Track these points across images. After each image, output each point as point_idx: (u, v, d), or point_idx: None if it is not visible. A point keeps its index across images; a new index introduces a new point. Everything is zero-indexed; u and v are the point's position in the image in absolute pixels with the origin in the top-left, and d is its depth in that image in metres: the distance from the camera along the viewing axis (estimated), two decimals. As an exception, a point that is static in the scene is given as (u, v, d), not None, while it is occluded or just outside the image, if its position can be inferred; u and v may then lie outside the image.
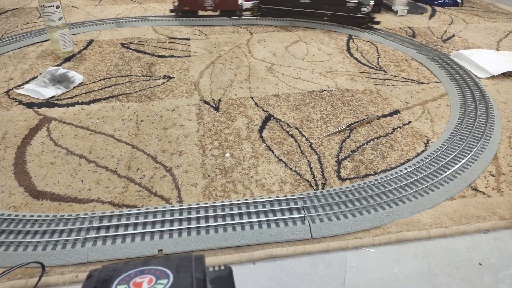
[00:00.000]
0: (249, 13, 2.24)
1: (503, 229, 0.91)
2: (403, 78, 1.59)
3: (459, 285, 0.78)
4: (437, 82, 1.57)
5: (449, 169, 1.05)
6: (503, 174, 1.07)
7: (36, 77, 1.52)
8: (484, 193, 1.00)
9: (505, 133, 1.24)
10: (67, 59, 1.69)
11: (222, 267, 0.58)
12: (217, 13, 2.22)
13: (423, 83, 1.56)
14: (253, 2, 2.20)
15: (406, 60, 1.76)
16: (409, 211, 0.92)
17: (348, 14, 1.99)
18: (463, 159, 1.09)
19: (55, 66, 1.60)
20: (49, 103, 1.36)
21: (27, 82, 1.49)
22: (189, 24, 2.14)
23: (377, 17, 2.32)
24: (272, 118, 1.30)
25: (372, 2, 2.01)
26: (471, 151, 1.12)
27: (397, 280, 0.78)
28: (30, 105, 1.35)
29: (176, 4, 2.14)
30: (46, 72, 1.50)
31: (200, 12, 2.20)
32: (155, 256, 0.81)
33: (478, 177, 1.05)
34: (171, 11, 2.17)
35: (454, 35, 2.08)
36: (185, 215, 0.88)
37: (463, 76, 1.57)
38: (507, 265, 0.82)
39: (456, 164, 1.07)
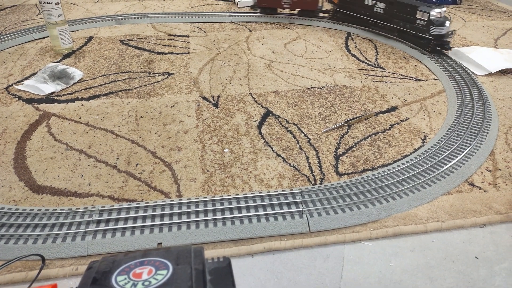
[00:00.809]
0: (326, 15, 2.18)
1: (499, 223, 0.92)
2: (401, 75, 1.60)
3: (455, 278, 0.79)
4: (435, 79, 1.58)
5: (446, 165, 1.06)
6: (500, 169, 1.08)
7: (36, 73, 1.52)
8: (480, 188, 1.00)
9: (502, 130, 1.25)
10: (67, 56, 1.70)
11: (221, 259, 0.59)
12: (295, 12, 2.16)
13: (421, 80, 1.56)
14: None
15: (404, 57, 1.77)
16: (406, 206, 0.93)
17: (415, 33, 1.78)
18: (460, 154, 1.10)
19: (55, 62, 1.60)
20: (49, 99, 1.37)
21: (26, 78, 1.49)
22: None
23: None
24: (271, 114, 1.30)
25: (448, 24, 1.68)
26: (468, 147, 1.13)
27: (394, 273, 0.79)
28: (30, 101, 1.35)
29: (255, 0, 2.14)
30: (46, 68, 1.51)
31: (279, 10, 2.19)
32: (155, 248, 0.82)
33: (475, 173, 1.06)
34: (251, 7, 2.17)
35: (452, 32, 2.08)
36: (184, 209, 0.89)
37: (461, 73, 1.57)
38: (503, 258, 0.83)
39: (453, 159, 1.08)
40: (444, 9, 1.64)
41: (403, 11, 1.81)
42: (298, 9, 2.13)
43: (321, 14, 2.19)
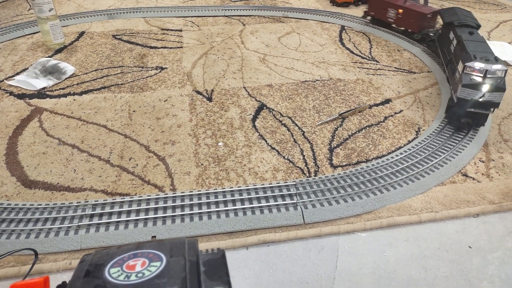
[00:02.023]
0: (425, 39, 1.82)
1: (492, 213, 0.92)
2: (395, 68, 1.60)
3: (449, 267, 0.79)
4: (428, 71, 1.58)
5: (440, 156, 1.06)
6: (493, 160, 1.08)
7: (27, 68, 1.51)
8: (474, 179, 1.01)
9: (495, 121, 1.26)
10: (58, 51, 1.68)
11: (215, 250, 0.59)
12: (402, 29, 1.90)
13: (414, 72, 1.57)
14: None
15: (398, 50, 1.77)
16: (400, 197, 0.94)
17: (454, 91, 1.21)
18: (454, 146, 1.10)
19: (46, 57, 1.59)
20: (41, 94, 1.35)
21: (18, 74, 1.47)
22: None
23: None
24: (265, 107, 1.30)
25: (501, 96, 1.11)
26: (462, 138, 1.13)
27: (388, 263, 0.80)
28: (21, 96, 1.34)
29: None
30: (37, 63, 1.49)
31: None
32: (149, 241, 0.82)
33: (468, 163, 1.06)
34: (363, 16, 2.05)
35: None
36: (178, 202, 0.89)
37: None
38: (496, 247, 0.84)
39: (447, 151, 1.08)
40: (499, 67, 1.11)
41: (456, 58, 1.29)
42: (402, 27, 1.87)
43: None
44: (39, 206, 0.87)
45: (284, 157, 1.07)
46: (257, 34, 1.91)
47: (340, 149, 1.11)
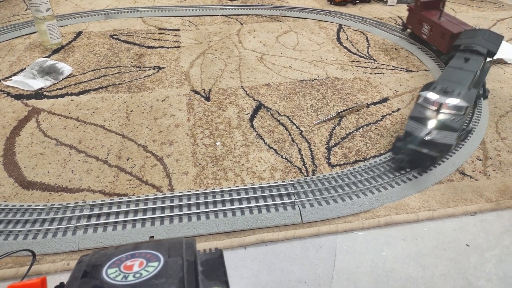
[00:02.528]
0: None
1: (489, 211, 0.92)
2: (393, 66, 1.60)
3: (447, 266, 0.79)
4: (426, 70, 1.58)
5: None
6: (490, 158, 1.08)
7: (24, 69, 1.50)
8: (471, 177, 1.01)
9: (492, 119, 1.26)
10: (56, 51, 1.67)
11: (213, 250, 0.59)
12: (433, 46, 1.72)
13: (412, 71, 1.57)
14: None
15: (395, 49, 1.77)
16: (398, 195, 0.94)
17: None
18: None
19: (44, 57, 1.58)
20: (38, 94, 1.35)
21: (15, 74, 1.47)
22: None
23: (367, 7, 2.32)
24: (262, 107, 1.30)
25: (453, 138, 0.94)
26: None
27: (386, 262, 0.80)
28: (19, 96, 1.33)
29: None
30: (34, 64, 1.48)
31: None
32: (146, 241, 0.82)
33: (466, 162, 1.06)
34: (402, 29, 1.89)
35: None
36: (176, 202, 0.89)
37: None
38: (493, 245, 0.84)
39: (444, 149, 1.08)
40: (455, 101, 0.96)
41: None
42: (434, 46, 1.69)
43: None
44: (37, 207, 0.87)
45: (282, 156, 1.07)
46: (255, 33, 1.90)
47: (338, 148, 1.11)
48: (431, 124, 0.93)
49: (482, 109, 1.27)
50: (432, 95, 0.95)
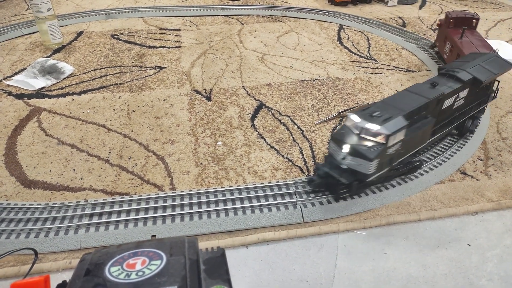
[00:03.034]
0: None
1: (490, 211, 0.92)
2: (394, 66, 1.60)
3: (448, 265, 0.79)
4: (427, 70, 1.58)
5: (439, 154, 1.06)
6: (491, 158, 1.09)
7: (26, 68, 1.50)
8: (472, 177, 1.01)
9: (493, 119, 1.26)
10: (57, 51, 1.67)
11: (215, 249, 0.59)
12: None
13: (413, 71, 1.57)
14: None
15: (396, 49, 1.77)
16: (399, 195, 0.94)
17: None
18: (452, 144, 1.10)
19: (45, 57, 1.58)
20: (39, 94, 1.35)
21: (16, 74, 1.47)
22: None
23: (368, 7, 2.33)
24: (264, 106, 1.30)
25: (367, 167, 0.84)
26: (459, 137, 1.13)
27: (388, 261, 0.80)
28: (20, 96, 1.34)
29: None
30: (36, 63, 1.49)
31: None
32: (149, 240, 0.82)
33: (467, 162, 1.07)
34: (431, 46, 1.74)
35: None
36: (178, 201, 0.89)
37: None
38: (495, 245, 0.84)
39: (446, 149, 1.08)
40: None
41: None
42: None
43: None
44: (39, 206, 0.87)
45: (283, 156, 1.07)
46: (256, 33, 1.91)
47: (339, 147, 1.11)
48: (345, 148, 0.85)
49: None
50: (354, 117, 0.85)
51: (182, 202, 0.89)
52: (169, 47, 1.72)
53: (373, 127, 0.82)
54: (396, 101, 0.91)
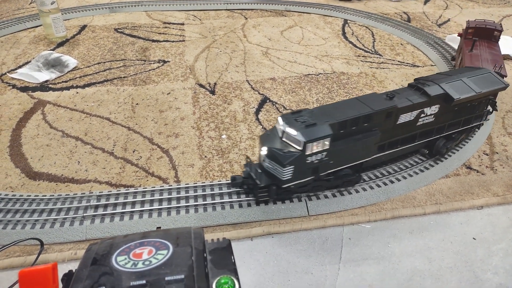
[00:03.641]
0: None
1: (496, 205, 0.92)
2: (399, 61, 1.59)
3: (453, 258, 0.79)
4: (432, 65, 1.57)
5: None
6: (497, 153, 1.08)
7: (30, 61, 1.50)
8: (478, 171, 1.01)
9: (499, 114, 1.25)
10: (60, 44, 1.67)
11: (221, 239, 0.59)
12: None
13: (418, 66, 1.56)
14: None
15: (401, 44, 1.76)
16: (405, 189, 0.93)
17: None
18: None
19: (49, 50, 1.58)
20: (43, 87, 1.35)
21: (20, 67, 1.47)
22: None
23: (372, 2, 2.31)
24: (268, 100, 1.30)
25: (280, 173, 0.81)
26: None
27: (393, 255, 0.80)
28: (24, 89, 1.34)
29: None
30: (40, 57, 1.49)
31: None
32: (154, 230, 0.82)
33: (472, 156, 1.06)
34: (451, 59, 1.59)
35: (449, 19, 2.08)
36: (183, 194, 0.89)
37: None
38: (500, 239, 0.84)
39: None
40: None
41: None
42: None
43: None
44: (44, 197, 0.87)
45: (287, 149, 1.07)
46: (260, 27, 1.90)
47: (344, 141, 1.10)
48: (264, 151, 0.82)
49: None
50: (280, 119, 0.81)
51: (187, 195, 0.89)
52: (173, 41, 1.72)
53: (292, 132, 0.78)
54: (336, 108, 0.85)
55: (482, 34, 1.42)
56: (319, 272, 0.75)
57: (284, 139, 0.81)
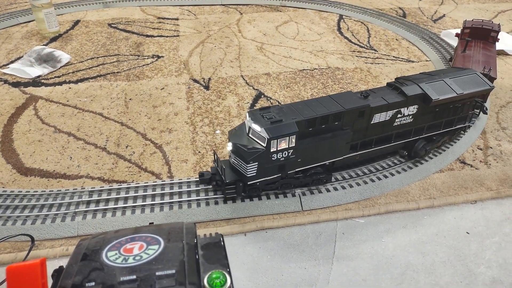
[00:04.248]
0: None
1: (489, 199, 0.92)
2: (394, 56, 1.59)
3: (447, 253, 0.79)
4: (427, 60, 1.57)
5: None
6: (491, 147, 1.08)
7: (22, 56, 1.49)
8: (472, 166, 1.01)
9: (493, 109, 1.25)
10: (53, 39, 1.65)
11: (213, 234, 0.58)
12: None
13: (413, 61, 1.56)
14: None
15: (396, 39, 1.76)
16: (398, 183, 0.93)
17: None
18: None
19: (41, 45, 1.56)
20: (36, 82, 1.34)
21: (12, 62, 1.45)
22: None
23: (368, -3, 2.31)
24: (262, 96, 1.29)
25: (245, 169, 0.80)
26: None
27: (386, 249, 0.80)
28: (16, 84, 1.32)
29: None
30: (32, 51, 1.47)
31: None
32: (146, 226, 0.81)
33: (466, 151, 1.06)
34: (449, 60, 1.53)
35: (444, 15, 2.08)
36: (176, 189, 0.88)
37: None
38: (493, 233, 0.84)
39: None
40: None
41: None
42: None
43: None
44: (35, 193, 0.86)
45: (282, 144, 1.06)
46: (255, 23, 1.89)
47: (338, 136, 1.10)
48: (229, 146, 0.81)
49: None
50: (247, 115, 0.80)
51: (180, 190, 0.88)
52: (167, 36, 1.71)
53: (257, 128, 0.77)
54: (307, 106, 0.83)
55: (479, 35, 1.40)
56: (313, 267, 0.75)
57: (250, 135, 0.80)
